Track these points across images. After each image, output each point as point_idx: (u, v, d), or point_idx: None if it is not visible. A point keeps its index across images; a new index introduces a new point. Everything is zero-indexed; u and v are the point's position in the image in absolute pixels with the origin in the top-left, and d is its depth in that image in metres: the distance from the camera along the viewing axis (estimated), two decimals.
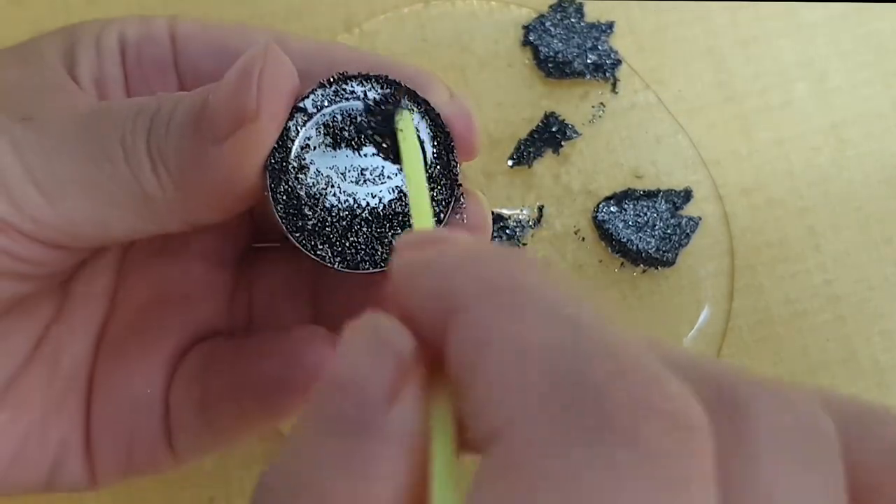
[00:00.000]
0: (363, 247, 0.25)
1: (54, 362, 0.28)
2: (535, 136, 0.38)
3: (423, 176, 0.23)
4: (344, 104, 0.25)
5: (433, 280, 0.17)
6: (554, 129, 0.38)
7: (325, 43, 0.27)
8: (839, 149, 0.39)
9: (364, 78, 0.25)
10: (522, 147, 0.38)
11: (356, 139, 0.25)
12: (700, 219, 0.37)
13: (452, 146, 0.25)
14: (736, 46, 0.39)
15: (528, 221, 0.37)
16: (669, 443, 0.14)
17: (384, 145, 0.24)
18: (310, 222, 0.25)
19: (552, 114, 0.38)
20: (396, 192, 0.25)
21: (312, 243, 0.25)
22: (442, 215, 0.25)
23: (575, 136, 0.38)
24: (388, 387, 0.16)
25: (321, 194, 0.25)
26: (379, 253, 0.25)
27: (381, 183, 0.25)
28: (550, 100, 0.38)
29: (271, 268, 0.30)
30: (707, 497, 0.14)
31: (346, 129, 0.25)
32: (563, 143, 0.38)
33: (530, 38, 0.38)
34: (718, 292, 0.37)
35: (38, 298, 0.27)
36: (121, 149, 0.24)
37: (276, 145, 0.24)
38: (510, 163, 0.38)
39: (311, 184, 0.25)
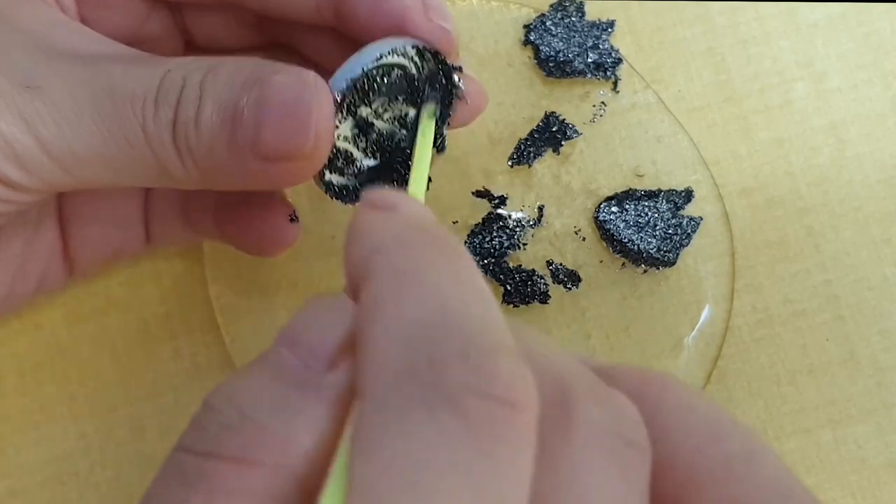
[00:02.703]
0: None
1: (24, 212, 0.29)
2: (536, 135, 0.38)
3: (428, 156, 0.26)
4: (343, 83, 0.26)
5: (361, 246, 0.19)
6: (554, 129, 0.38)
7: None
8: (838, 149, 0.39)
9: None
10: (522, 147, 0.38)
11: (371, 103, 0.27)
12: (701, 219, 0.37)
13: (445, 58, 0.28)
14: (736, 46, 0.39)
15: (528, 221, 0.37)
16: (491, 416, 0.16)
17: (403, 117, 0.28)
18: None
19: (552, 113, 0.38)
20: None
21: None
22: (450, 110, 0.29)
23: (575, 135, 0.38)
24: (330, 353, 0.18)
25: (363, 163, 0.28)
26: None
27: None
28: (551, 99, 0.38)
29: None
30: (519, 467, 0.16)
31: (360, 102, 0.27)
32: (563, 142, 0.38)
33: (531, 38, 0.38)
34: (718, 292, 0.37)
35: None
36: (143, 135, 0.24)
37: None
38: (510, 162, 0.38)
39: (358, 165, 0.28)
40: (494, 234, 0.37)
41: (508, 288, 0.36)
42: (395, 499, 0.15)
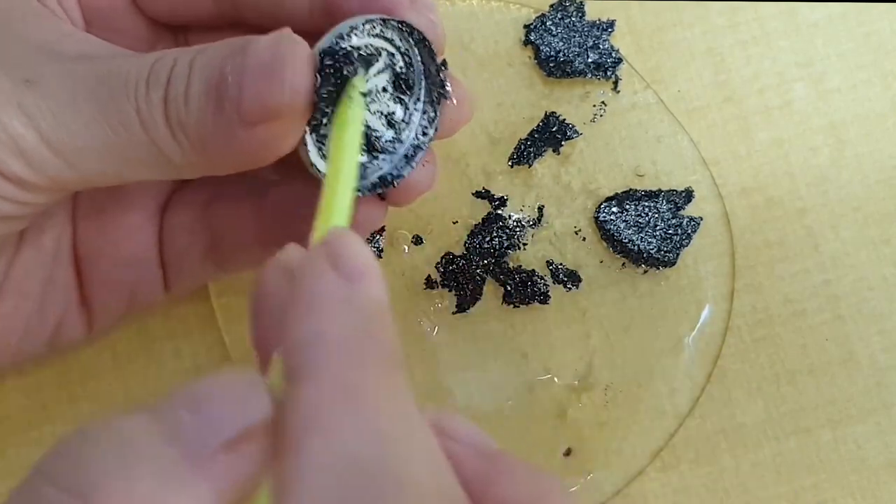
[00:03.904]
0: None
1: (39, 246, 0.29)
2: (536, 135, 0.38)
3: (352, 157, 0.24)
4: (326, 42, 0.26)
5: (308, 324, 0.18)
6: (554, 129, 0.38)
7: None
8: (838, 149, 0.39)
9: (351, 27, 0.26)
10: (522, 147, 0.38)
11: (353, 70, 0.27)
12: (701, 219, 0.37)
13: (433, 49, 0.27)
14: (736, 47, 0.39)
15: (528, 221, 0.37)
16: None
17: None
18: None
19: (552, 113, 0.38)
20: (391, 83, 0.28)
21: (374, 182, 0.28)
22: (436, 110, 0.28)
23: (575, 135, 0.38)
24: (233, 434, 0.17)
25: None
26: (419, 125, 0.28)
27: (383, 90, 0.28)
28: (551, 99, 0.38)
29: None
30: None
31: (343, 77, 0.26)
32: (563, 142, 0.38)
33: (531, 38, 0.38)
34: (718, 292, 0.37)
35: None
36: (137, 118, 0.24)
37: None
38: (510, 162, 0.38)
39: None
40: (494, 234, 0.37)
41: (508, 288, 0.36)
42: None
